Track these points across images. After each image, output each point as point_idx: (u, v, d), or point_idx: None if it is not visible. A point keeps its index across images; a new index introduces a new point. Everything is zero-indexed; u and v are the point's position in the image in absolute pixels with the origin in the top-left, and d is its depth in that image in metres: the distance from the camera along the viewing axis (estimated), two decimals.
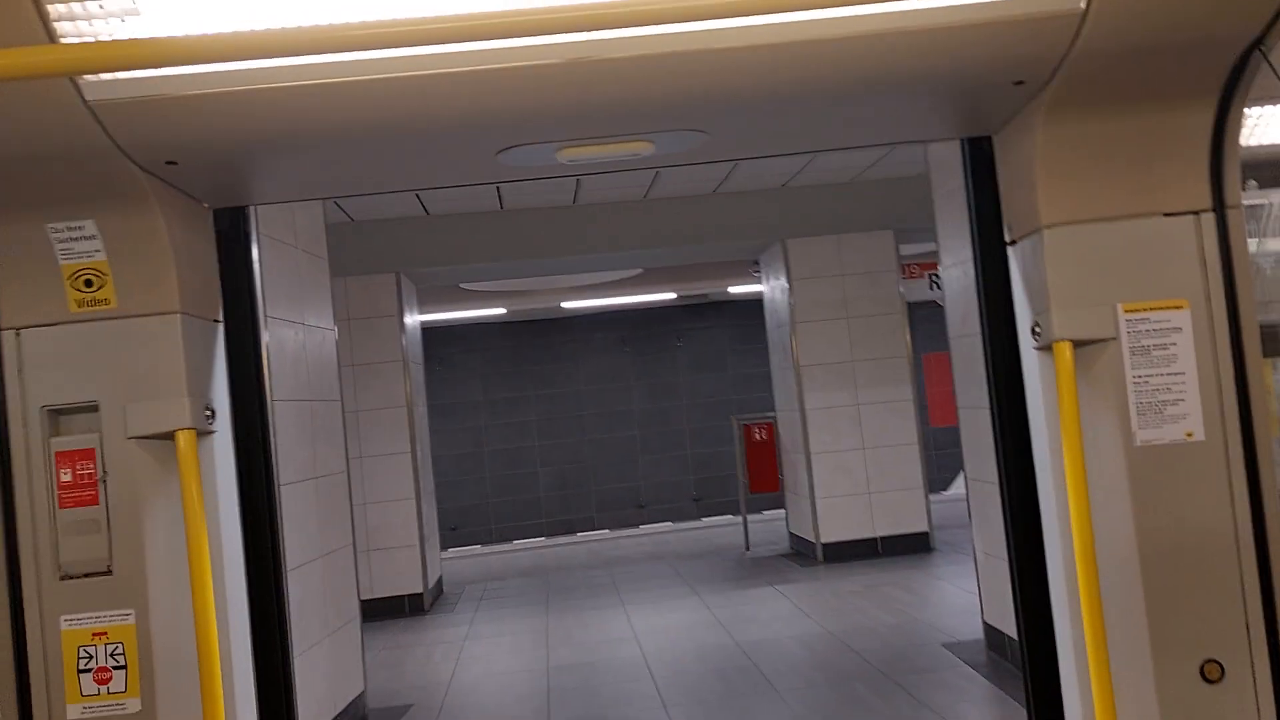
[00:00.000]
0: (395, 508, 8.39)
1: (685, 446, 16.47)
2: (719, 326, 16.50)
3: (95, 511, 1.85)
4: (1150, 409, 1.90)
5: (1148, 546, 1.89)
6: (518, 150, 1.95)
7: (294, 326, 5.01)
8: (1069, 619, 2.00)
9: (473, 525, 15.68)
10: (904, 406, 8.84)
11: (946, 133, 2.08)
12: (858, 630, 6.49)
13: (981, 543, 5.72)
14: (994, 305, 2.13)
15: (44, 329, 1.87)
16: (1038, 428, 2.07)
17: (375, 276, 8.44)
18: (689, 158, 2.13)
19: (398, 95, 1.66)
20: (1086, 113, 1.82)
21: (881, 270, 8.86)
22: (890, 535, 8.80)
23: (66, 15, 1.51)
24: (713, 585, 8.49)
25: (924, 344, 12.64)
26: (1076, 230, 1.90)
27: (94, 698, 1.84)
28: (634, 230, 8.64)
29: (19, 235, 1.82)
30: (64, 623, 1.84)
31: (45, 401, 1.87)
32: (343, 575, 5.39)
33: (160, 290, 1.88)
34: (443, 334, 15.22)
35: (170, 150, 1.75)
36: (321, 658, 4.91)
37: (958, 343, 5.78)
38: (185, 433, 1.86)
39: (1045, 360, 1.98)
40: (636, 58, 1.62)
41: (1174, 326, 1.91)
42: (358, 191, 2.21)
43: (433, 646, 7.21)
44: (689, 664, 6.09)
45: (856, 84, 1.73)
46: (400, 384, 8.48)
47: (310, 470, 4.99)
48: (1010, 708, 4.80)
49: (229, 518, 2.04)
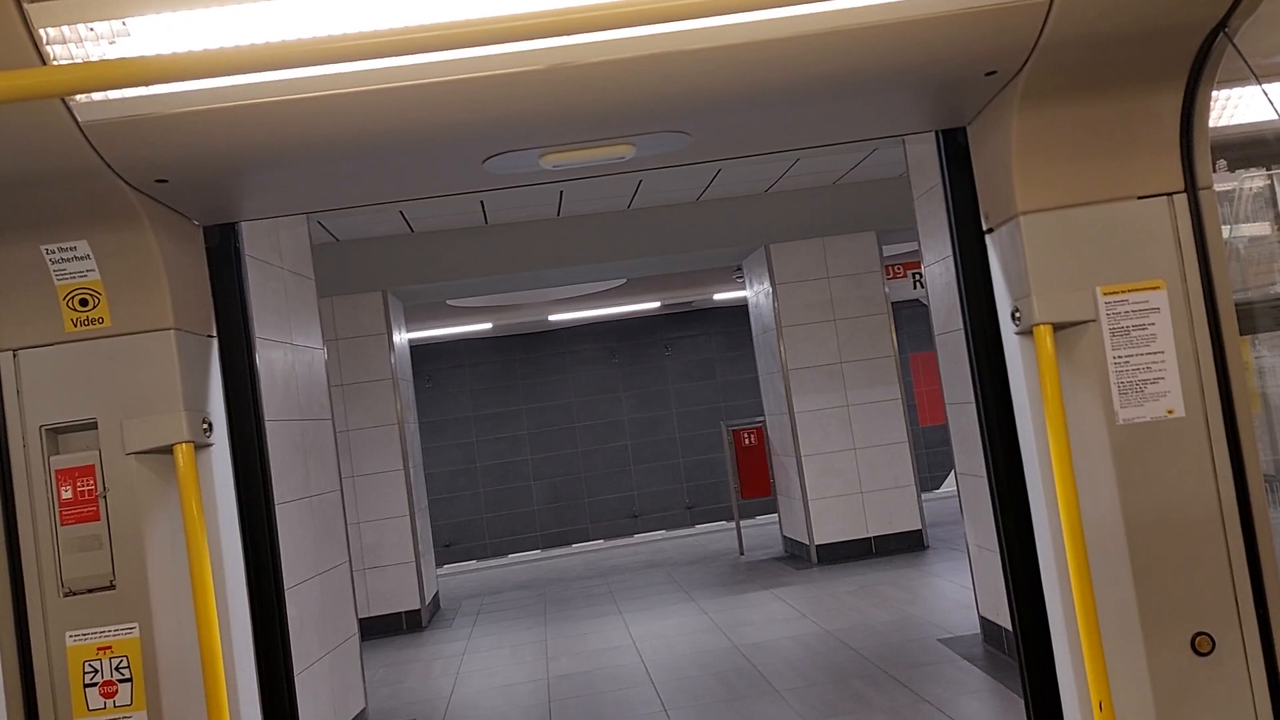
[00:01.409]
0: (389, 525, 8.39)
1: (676, 455, 16.49)
2: (705, 334, 16.55)
3: (97, 527, 1.87)
4: (1131, 388, 1.94)
5: (1134, 523, 1.93)
6: (503, 158, 1.98)
7: (282, 347, 5.02)
8: (1060, 599, 2.04)
9: (467, 541, 15.65)
10: (892, 406, 8.89)
11: (921, 125, 2.12)
12: (855, 629, 6.52)
13: (974, 537, 5.76)
14: (974, 293, 2.17)
15: (41, 349, 1.89)
16: (1021, 412, 2.11)
17: (362, 295, 8.45)
18: (671, 159, 2.16)
19: (384, 106, 1.69)
20: (1058, 100, 1.86)
21: (866, 271, 8.93)
22: (883, 535, 8.84)
23: (58, 39, 1.54)
24: (708, 591, 8.51)
25: (909, 344, 12.68)
26: (1053, 216, 1.95)
27: (100, 711, 1.86)
28: (618, 241, 8.68)
29: (14, 257, 1.84)
30: (69, 638, 1.86)
31: (44, 420, 1.89)
32: (340, 593, 5.38)
33: (154, 307, 1.91)
34: (431, 351, 15.22)
35: (160, 168, 1.78)
36: (322, 675, 4.91)
37: (943, 339, 5.83)
38: (183, 446, 1.89)
39: (1026, 345, 2.02)
40: (616, 60, 1.66)
41: (1152, 307, 1.95)
42: (347, 204, 2.24)
43: (431, 662, 7.20)
44: (688, 668, 6.11)
45: (832, 79, 1.77)
46: (390, 402, 8.48)
47: (304, 489, 4.99)
48: (1007, 699, 4.84)
49: (229, 529, 2.06)
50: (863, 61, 1.73)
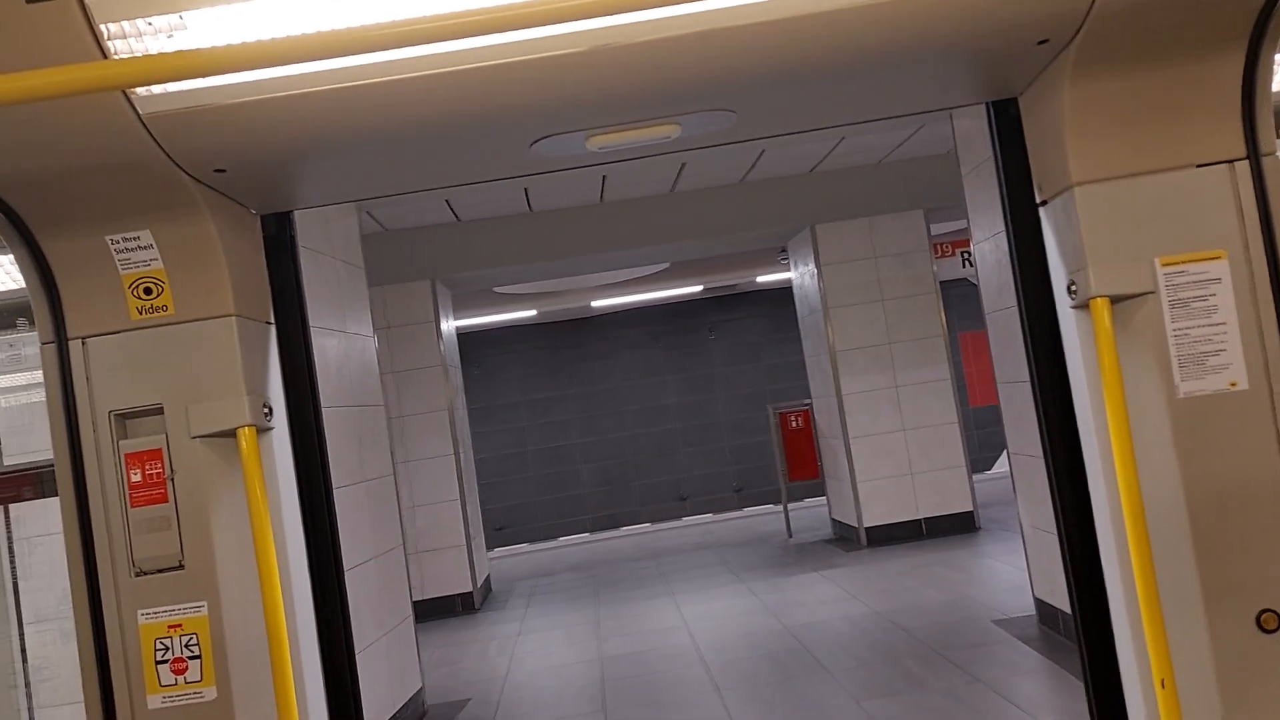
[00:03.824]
0: (441, 509, 8.50)
1: (723, 438, 16.49)
2: (750, 317, 16.49)
3: (165, 509, 1.93)
4: (1192, 361, 1.91)
5: (1195, 498, 1.90)
6: (550, 141, 1.99)
7: (335, 335, 5.10)
8: (1119, 576, 2.01)
9: (518, 524, 15.81)
10: (942, 386, 8.80)
11: (972, 97, 2.09)
12: (906, 610, 6.48)
13: (1028, 518, 5.69)
14: (1028, 267, 2.14)
15: (108, 337, 1.95)
16: (1078, 387, 2.08)
17: (411, 284, 8.55)
18: (717, 138, 2.16)
19: (433, 92, 1.71)
20: (1112, 67, 1.83)
21: (913, 250, 8.83)
22: (934, 516, 8.76)
23: (118, 33, 1.58)
24: (758, 573, 8.51)
25: (958, 323, 12.52)
26: (1109, 186, 1.91)
27: (172, 688, 1.92)
28: (661, 224, 8.67)
29: (81, 248, 1.90)
30: (141, 616, 1.92)
31: (113, 406, 1.95)
32: (395, 576, 5.48)
33: (215, 295, 1.95)
34: (478, 338, 15.35)
35: (218, 158, 1.82)
36: (379, 656, 5.00)
37: (994, 317, 5.75)
38: (246, 429, 1.93)
39: (1083, 318, 1.99)
40: (661, 39, 1.66)
41: (1213, 278, 1.91)
42: (397, 190, 2.27)
43: (486, 643, 7.30)
44: (739, 649, 6.12)
45: (881, 52, 1.75)
46: (440, 388, 8.58)
47: (359, 474, 5.08)
48: (1064, 680, 4.78)
49: (290, 511, 2.11)
50: (912, 33, 1.71)
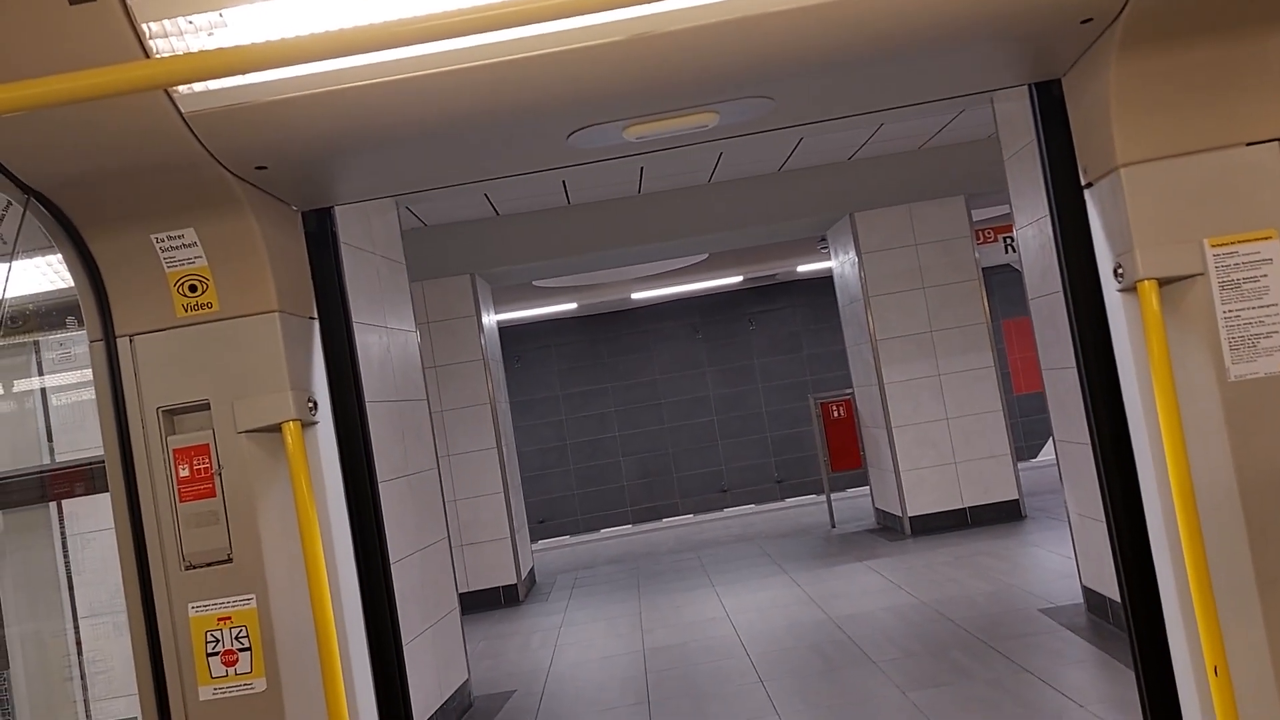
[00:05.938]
0: (484, 502, 8.57)
1: (764, 429, 16.43)
2: (790, 307, 16.40)
3: (213, 503, 1.96)
4: (1243, 343, 1.87)
5: (1248, 483, 1.86)
6: (587, 131, 1.99)
7: (377, 330, 5.15)
8: (1170, 562, 1.97)
9: (560, 517, 15.89)
10: (986, 374, 8.70)
11: (1014, 79, 2.05)
12: (952, 600, 6.42)
13: (1075, 505, 5.61)
14: (1073, 250, 2.11)
15: (155, 334, 1.98)
16: (1126, 371, 2.04)
17: (451, 279, 8.61)
18: (755, 126, 2.14)
19: (470, 84, 1.72)
20: (1158, 45, 1.79)
21: (955, 237, 8.72)
22: (979, 505, 8.67)
23: (159, 32, 1.61)
24: (801, 563, 8.48)
25: (1001, 310, 12.36)
26: (1156, 167, 1.87)
27: (223, 679, 1.95)
28: (699, 215, 8.65)
29: (127, 246, 1.93)
30: (191, 609, 1.96)
31: (160, 402, 1.98)
32: (440, 568, 5.53)
33: (258, 291, 1.98)
34: (518, 332, 15.43)
35: (259, 155, 1.84)
36: (425, 648, 5.06)
37: (1038, 303, 5.67)
38: (291, 424, 1.96)
39: (1130, 301, 1.95)
40: (698, 27, 1.65)
41: (1264, 258, 1.87)
42: (436, 184, 2.28)
43: (530, 635, 7.35)
44: (783, 640, 6.11)
45: (921, 34, 1.73)
46: (482, 382, 8.64)
47: (403, 468, 5.13)
48: (1113, 669, 4.71)
49: (336, 505, 2.13)
50: (953, 14, 1.68)
